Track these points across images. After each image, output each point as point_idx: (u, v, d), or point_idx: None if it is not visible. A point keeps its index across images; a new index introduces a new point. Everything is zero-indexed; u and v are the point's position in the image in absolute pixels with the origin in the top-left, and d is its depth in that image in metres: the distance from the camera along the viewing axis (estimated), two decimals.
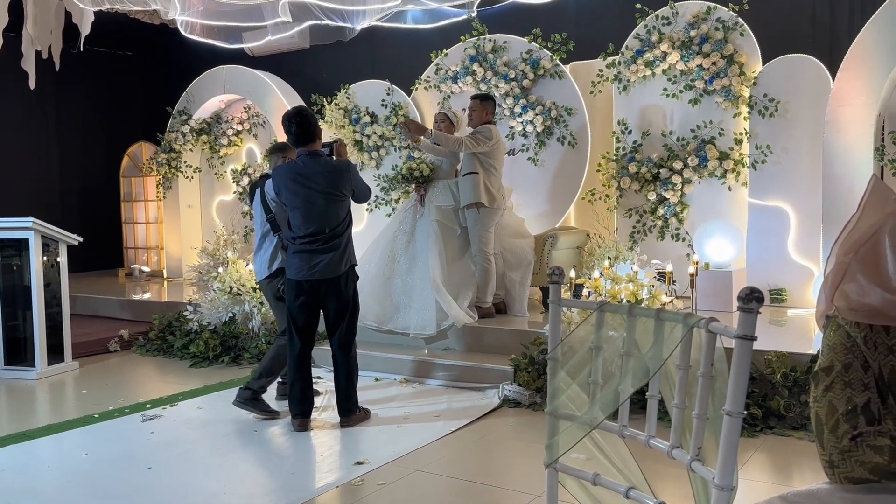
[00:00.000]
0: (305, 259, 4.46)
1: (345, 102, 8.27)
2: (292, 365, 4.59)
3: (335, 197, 4.47)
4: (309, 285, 4.48)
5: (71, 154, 10.86)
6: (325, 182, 4.44)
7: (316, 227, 4.44)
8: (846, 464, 1.61)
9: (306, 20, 6.70)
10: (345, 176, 4.51)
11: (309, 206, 4.44)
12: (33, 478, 3.95)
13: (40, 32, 5.81)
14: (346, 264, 4.54)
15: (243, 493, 3.70)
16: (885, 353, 1.64)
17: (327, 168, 4.48)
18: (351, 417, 4.65)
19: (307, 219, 4.45)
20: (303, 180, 4.45)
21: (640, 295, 5.00)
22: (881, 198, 1.71)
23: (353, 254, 4.63)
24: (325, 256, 4.44)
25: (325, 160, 4.54)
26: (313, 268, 4.45)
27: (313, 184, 4.43)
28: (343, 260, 4.52)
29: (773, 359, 4.48)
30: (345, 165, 4.58)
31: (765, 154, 6.34)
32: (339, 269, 4.49)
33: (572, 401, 2.09)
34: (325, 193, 4.43)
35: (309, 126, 4.50)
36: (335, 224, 4.47)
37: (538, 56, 7.25)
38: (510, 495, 3.55)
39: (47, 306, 6.11)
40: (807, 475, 3.73)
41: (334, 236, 4.47)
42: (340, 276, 4.50)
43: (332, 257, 4.46)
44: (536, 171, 7.36)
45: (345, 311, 4.58)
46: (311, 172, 4.45)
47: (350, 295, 4.60)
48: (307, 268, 4.46)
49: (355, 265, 4.66)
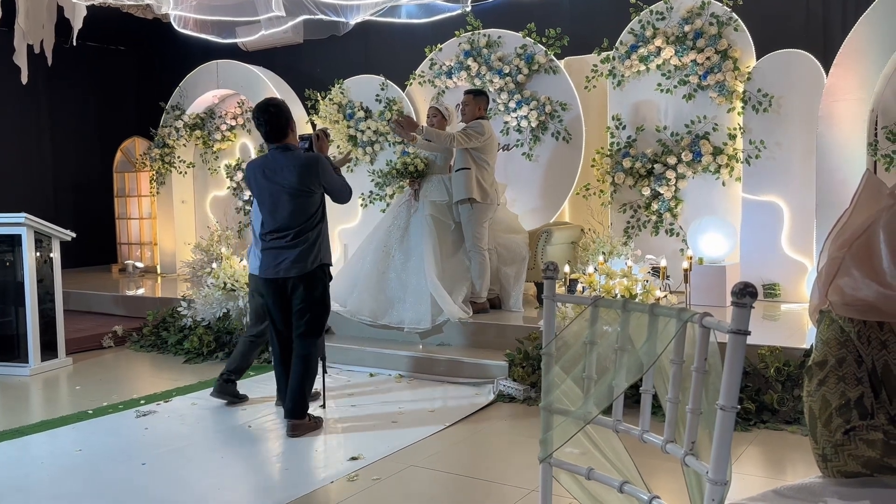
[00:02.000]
0: (272, 256, 4.34)
1: (339, 97, 8.25)
2: (275, 360, 4.54)
3: (302, 192, 4.29)
4: (274, 283, 4.35)
5: (64, 149, 10.81)
6: (291, 177, 4.27)
7: (282, 224, 4.30)
8: (839, 458, 1.62)
9: (300, 15, 6.68)
10: (312, 170, 4.31)
11: (275, 201, 4.31)
12: (27, 474, 3.94)
13: (32, 27, 5.78)
14: (315, 262, 4.35)
15: (238, 489, 3.70)
16: (879, 348, 1.64)
17: (295, 162, 4.30)
18: (298, 422, 4.37)
19: (273, 215, 4.33)
20: (271, 175, 4.31)
21: (634, 290, 5.00)
22: (874, 192, 1.71)
23: (325, 252, 4.43)
24: (291, 254, 4.29)
25: (295, 154, 4.35)
26: (279, 265, 4.31)
27: (280, 179, 4.28)
28: (311, 258, 4.33)
29: (767, 353, 4.50)
30: (314, 160, 4.36)
31: (758, 149, 6.36)
32: (305, 266, 4.31)
33: (566, 396, 2.09)
34: (291, 189, 4.28)
35: (279, 120, 4.33)
36: (302, 221, 4.31)
37: (532, 51, 7.24)
38: (505, 490, 3.56)
39: (40, 302, 6.09)
40: (800, 469, 3.74)
41: (301, 233, 4.30)
42: (307, 275, 4.32)
43: (299, 255, 4.29)
44: (531, 166, 7.36)
45: (308, 308, 4.37)
46: (278, 167, 4.30)
47: (318, 294, 4.39)
48: (273, 265, 4.33)
49: (328, 264, 4.46)
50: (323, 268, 4.44)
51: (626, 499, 1.95)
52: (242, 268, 6.74)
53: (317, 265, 4.37)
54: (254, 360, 5.19)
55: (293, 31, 8.05)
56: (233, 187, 9.41)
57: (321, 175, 4.34)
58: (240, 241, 9.19)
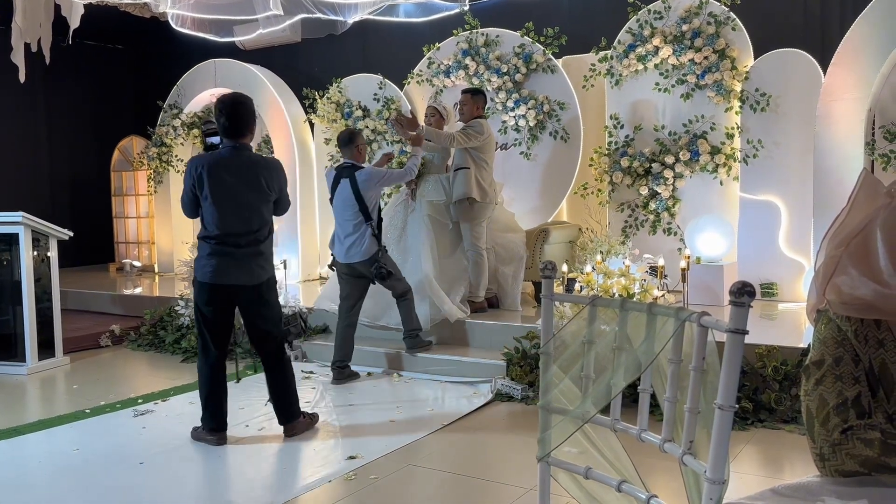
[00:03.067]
0: (223, 261, 4.05)
1: (337, 96, 8.24)
2: (208, 375, 4.20)
3: (262, 195, 4.10)
4: (226, 291, 4.10)
5: (61, 148, 10.79)
6: (260, 179, 4.07)
7: (238, 227, 4.06)
8: (837, 457, 1.62)
9: (298, 13, 6.67)
10: (274, 174, 4.15)
11: (233, 201, 4.05)
12: (24, 473, 3.94)
13: (30, 25, 5.76)
14: (270, 271, 4.22)
15: (235, 488, 3.70)
16: (876, 347, 1.65)
17: (259, 162, 4.15)
18: (296, 423, 4.34)
19: (229, 216, 4.05)
20: (234, 171, 4.06)
21: (631, 289, 5.01)
22: (871, 191, 1.71)
23: (272, 260, 4.30)
24: (247, 260, 4.06)
25: (253, 154, 4.21)
26: (233, 272, 4.06)
27: (242, 178, 4.06)
28: (266, 265, 4.18)
29: (764, 352, 4.50)
30: (277, 162, 4.28)
31: (756, 148, 6.36)
32: (261, 275, 4.13)
33: (564, 395, 2.09)
34: (253, 190, 4.06)
35: (244, 118, 4.11)
36: (260, 224, 4.11)
37: (531, 50, 7.24)
38: (503, 489, 3.56)
39: (38, 301, 6.08)
40: (797, 468, 3.75)
41: (258, 239, 4.11)
42: (263, 283, 4.15)
43: (259, 262, 4.11)
44: (529, 165, 7.36)
45: (274, 309, 4.28)
46: (240, 165, 4.08)
47: (273, 298, 4.27)
48: (223, 272, 4.05)
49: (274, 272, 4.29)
50: (273, 276, 4.30)
51: (624, 498, 1.95)
52: None
53: (270, 274, 4.24)
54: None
55: (291, 30, 8.05)
56: None
57: (281, 180, 4.23)
58: None
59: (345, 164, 5.44)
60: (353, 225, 5.31)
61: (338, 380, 5.46)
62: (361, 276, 5.45)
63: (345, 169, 5.39)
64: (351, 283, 5.49)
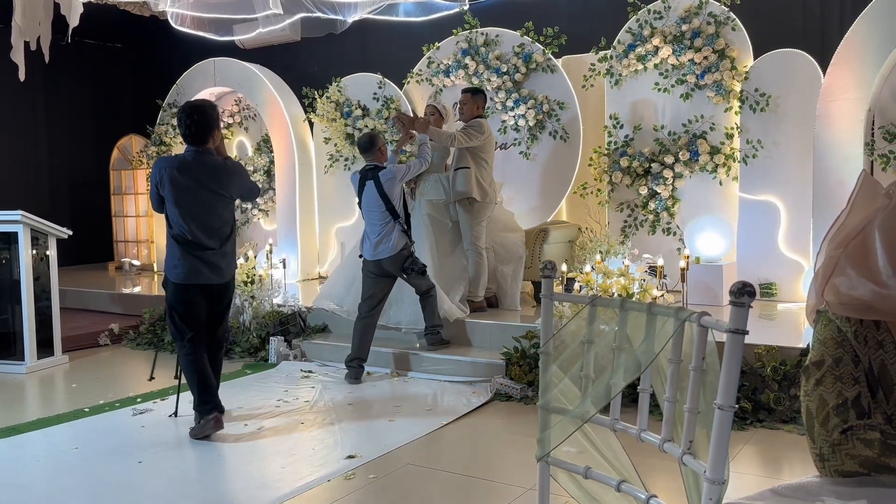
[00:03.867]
0: (193, 263, 4.24)
1: (336, 95, 8.24)
2: (192, 360, 4.35)
3: (225, 198, 4.31)
4: (196, 288, 4.30)
5: (60, 147, 10.79)
6: (221, 183, 4.25)
7: (201, 229, 4.24)
8: (836, 457, 1.62)
9: (297, 12, 6.67)
10: (235, 178, 4.34)
11: (198, 204, 4.23)
12: (23, 472, 3.94)
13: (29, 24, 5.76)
14: (234, 267, 4.49)
15: (234, 487, 3.70)
16: (875, 348, 1.65)
17: (220, 167, 4.29)
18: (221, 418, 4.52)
19: (191, 218, 4.21)
20: (196, 176, 4.22)
21: (631, 289, 5.01)
22: (871, 193, 1.71)
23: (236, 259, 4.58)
24: (222, 261, 4.31)
25: (218, 160, 4.32)
26: (206, 273, 4.27)
27: (210, 184, 4.23)
28: (232, 263, 4.43)
29: (764, 353, 4.51)
30: (238, 167, 4.45)
31: (756, 149, 6.36)
32: (230, 273, 4.39)
33: (564, 394, 2.09)
34: (216, 194, 4.25)
35: (203, 125, 4.23)
36: (220, 225, 4.30)
37: (530, 50, 7.24)
38: (502, 488, 3.56)
39: (37, 300, 6.08)
40: (797, 468, 3.75)
41: (228, 238, 4.32)
42: (230, 281, 4.43)
43: (227, 261, 4.35)
44: (528, 165, 7.36)
45: (226, 313, 4.55)
46: (203, 169, 4.23)
47: (232, 297, 4.58)
48: (200, 273, 4.26)
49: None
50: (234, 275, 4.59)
51: (623, 498, 1.95)
52: (239, 266, 6.73)
53: (234, 270, 4.52)
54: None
55: (290, 29, 8.04)
56: None
57: (242, 183, 4.44)
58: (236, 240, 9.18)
59: (368, 167, 5.51)
60: (381, 224, 5.40)
61: (355, 378, 5.46)
62: (387, 276, 5.51)
63: (369, 171, 5.47)
64: (376, 282, 5.53)
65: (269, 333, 6.33)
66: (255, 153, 9.24)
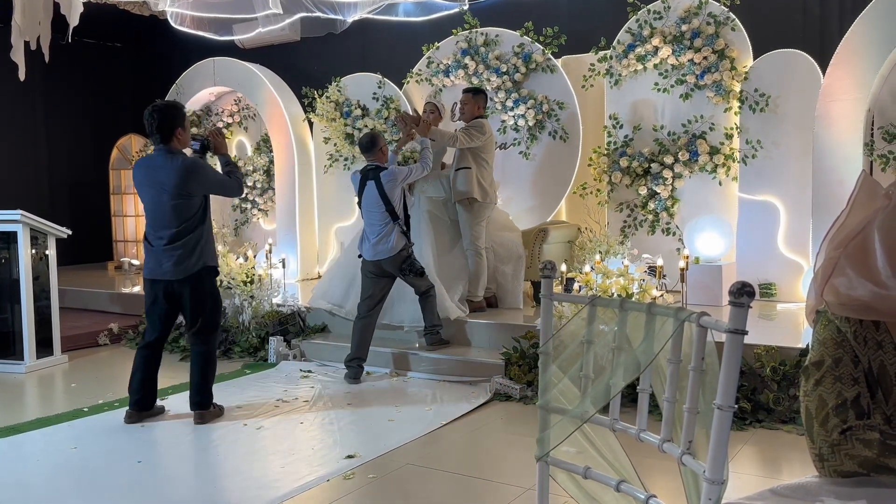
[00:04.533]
0: (156, 258, 4.44)
1: (336, 95, 8.24)
2: (140, 358, 4.59)
3: (180, 195, 4.38)
4: (161, 284, 4.48)
5: (60, 146, 10.78)
6: (170, 180, 4.37)
7: (162, 227, 4.42)
8: (836, 457, 1.62)
9: (297, 12, 6.67)
10: (190, 176, 4.39)
11: (155, 204, 4.43)
12: (22, 471, 3.94)
13: (29, 23, 5.75)
14: (199, 264, 4.46)
15: (233, 487, 3.69)
16: (875, 349, 1.65)
17: (175, 166, 4.38)
18: (203, 413, 4.62)
19: (154, 217, 4.45)
20: (153, 175, 4.43)
21: (630, 289, 5.01)
22: (870, 193, 1.72)
23: (209, 254, 4.52)
24: (173, 256, 4.40)
25: (176, 158, 4.41)
26: (161, 267, 4.43)
27: (161, 181, 4.39)
28: (193, 259, 4.43)
29: (763, 353, 4.51)
30: (190, 165, 4.42)
31: (755, 149, 6.36)
32: (190, 268, 4.42)
33: (563, 394, 2.09)
34: (170, 191, 4.37)
35: (163, 123, 4.42)
36: (179, 224, 4.40)
37: (530, 50, 7.24)
38: (501, 488, 3.56)
39: (36, 300, 6.08)
40: (796, 468, 3.75)
41: (180, 236, 4.40)
42: (192, 276, 4.44)
43: (180, 257, 4.40)
44: (528, 165, 7.37)
45: (200, 307, 4.53)
46: (160, 169, 4.40)
47: (205, 293, 4.54)
48: (157, 268, 4.45)
49: (212, 266, 4.56)
50: (207, 268, 4.53)
51: (622, 498, 1.95)
52: (238, 266, 6.73)
53: (199, 267, 4.47)
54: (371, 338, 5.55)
55: (290, 29, 8.05)
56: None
57: (199, 180, 4.46)
58: (235, 239, 9.19)
59: (369, 167, 5.50)
60: (381, 225, 5.40)
61: (354, 378, 5.45)
62: (386, 276, 5.51)
63: (370, 171, 5.47)
64: (376, 282, 5.52)
65: (269, 333, 6.33)
66: (255, 153, 9.23)
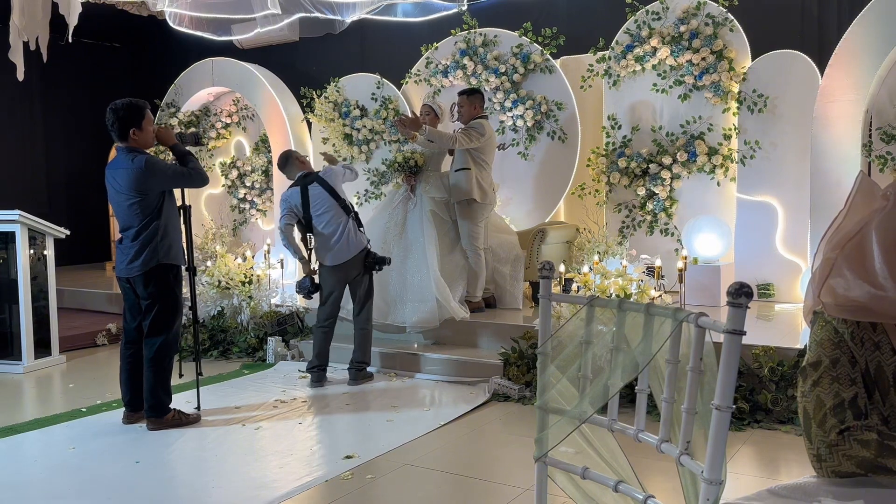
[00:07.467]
0: (119, 256, 4.55)
1: (334, 96, 8.24)
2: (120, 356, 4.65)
3: (134, 195, 4.44)
4: (124, 282, 4.57)
5: (58, 146, 10.77)
6: (125, 181, 4.45)
7: (122, 224, 4.54)
8: (833, 458, 1.63)
9: (296, 12, 6.67)
10: (145, 175, 4.41)
11: (116, 204, 4.56)
12: (20, 472, 3.93)
13: (27, 23, 5.75)
14: (153, 262, 4.43)
15: (232, 488, 3.69)
16: (872, 349, 1.65)
17: (130, 166, 4.44)
18: (157, 419, 4.48)
19: (118, 216, 4.58)
20: (112, 176, 4.55)
21: (629, 290, 5.01)
22: (868, 194, 1.72)
23: (165, 251, 4.45)
24: (130, 253, 4.46)
25: (134, 158, 4.43)
26: (122, 265, 4.52)
27: (118, 182, 4.48)
28: (147, 256, 4.41)
29: (761, 353, 4.51)
30: (143, 165, 4.40)
31: (753, 149, 6.37)
32: (144, 265, 4.42)
33: (562, 395, 2.09)
34: (125, 193, 4.46)
35: (117, 122, 4.50)
36: (139, 222, 4.45)
37: (529, 50, 7.25)
38: (500, 489, 3.56)
39: (34, 300, 6.07)
40: (794, 469, 3.76)
41: (138, 234, 4.45)
42: (146, 273, 4.43)
43: (135, 254, 4.44)
44: (526, 165, 7.37)
45: (149, 307, 4.48)
46: (119, 169, 4.50)
47: (158, 293, 4.46)
48: (120, 265, 4.54)
49: (170, 263, 4.50)
50: (167, 266, 4.49)
51: (621, 498, 1.95)
52: (237, 266, 6.73)
53: (154, 264, 4.43)
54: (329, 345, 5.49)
55: (289, 29, 8.04)
56: (227, 185, 9.40)
57: (158, 178, 4.49)
58: (234, 240, 9.18)
59: (300, 176, 5.43)
60: (337, 224, 5.28)
61: (356, 380, 5.41)
62: (349, 279, 5.40)
63: (304, 178, 5.40)
64: (339, 286, 5.40)
65: (267, 333, 6.33)
66: (253, 153, 9.23)
